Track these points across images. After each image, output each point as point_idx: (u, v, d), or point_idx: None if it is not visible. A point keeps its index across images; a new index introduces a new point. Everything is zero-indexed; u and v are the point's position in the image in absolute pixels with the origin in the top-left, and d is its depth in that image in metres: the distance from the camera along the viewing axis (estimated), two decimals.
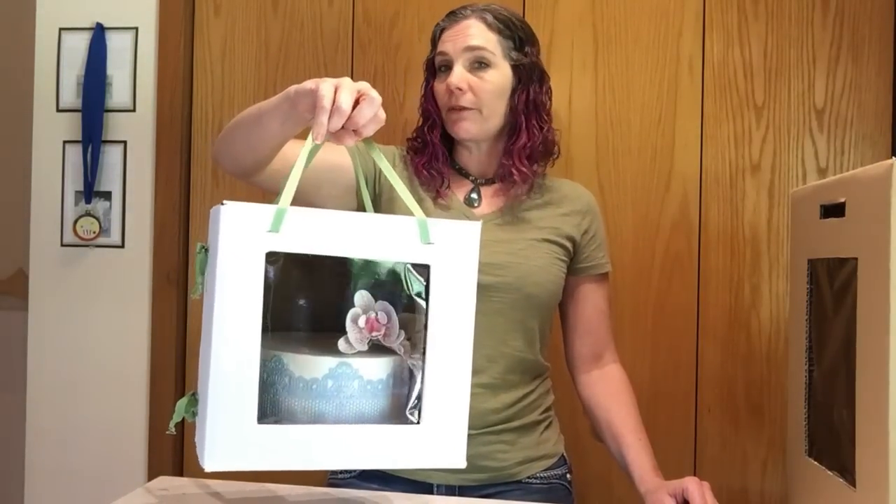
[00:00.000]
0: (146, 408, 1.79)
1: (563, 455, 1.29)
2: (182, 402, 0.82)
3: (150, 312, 1.80)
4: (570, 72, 1.68)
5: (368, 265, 0.81)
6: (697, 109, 1.65)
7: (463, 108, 1.20)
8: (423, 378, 0.79)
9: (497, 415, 1.18)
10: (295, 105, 0.90)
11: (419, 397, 0.80)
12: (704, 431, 1.64)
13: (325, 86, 0.83)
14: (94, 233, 1.80)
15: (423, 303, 0.81)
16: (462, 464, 0.82)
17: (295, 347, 0.81)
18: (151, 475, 1.77)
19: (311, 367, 0.78)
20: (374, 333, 0.80)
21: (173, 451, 1.79)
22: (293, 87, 0.90)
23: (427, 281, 0.80)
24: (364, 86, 0.85)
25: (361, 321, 0.80)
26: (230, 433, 0.73)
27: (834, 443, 0.88)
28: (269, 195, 1.01)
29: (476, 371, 1.18)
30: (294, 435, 0.76)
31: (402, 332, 0.82)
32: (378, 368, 0.80)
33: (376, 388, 0.80)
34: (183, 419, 0.81)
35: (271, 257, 0.77)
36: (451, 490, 1.18)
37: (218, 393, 0.73)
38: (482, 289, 1.18)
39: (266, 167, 1.08)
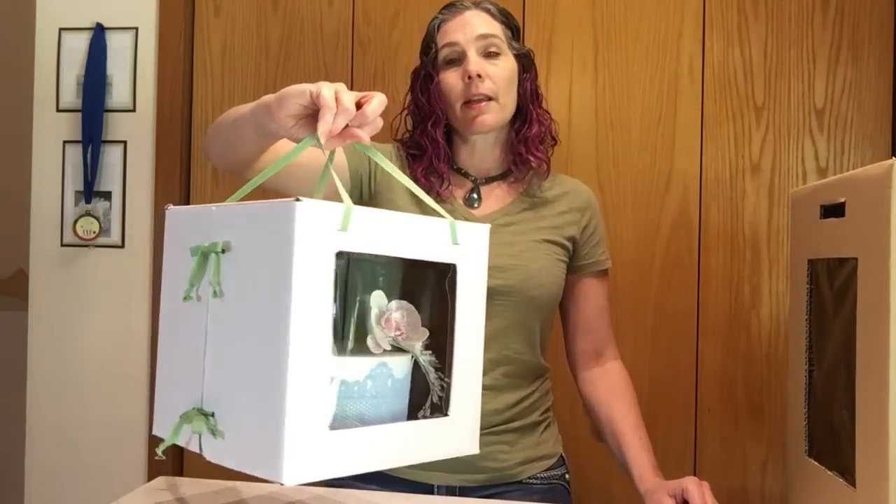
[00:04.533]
0: (146, 408, 1.78)
1: (561, 455, 1.28)
2: (187, 422, 0.77)
3: (150, 312, 1.80)
4: (570, 72, 1.68)
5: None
6: (697, 109, 1.65)
7: (482, 100, 1.18)
8: (450, 372, 0.82)
9: (498, 416, 1.18)
10: (279, 107, 0.84)
11: (446, 391, 0.82)
12: (704, 431, 1.64)
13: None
14: (94, 233, 1.80)
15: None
16: (477, 450, 0.86)
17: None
18: (151, 475, 1.77)
19: (353, 368, 0.77)
20: (395, 332, 0.81)
21: (173, 450, 1.79)
22: (273, 94, 0.86)
23: (453, 280, 0.82)
24: (341, 86, 0.83)
25: (383, 320, 0.80)
26: (306, 442, 0.69)
27: (834, 443, 0.88)
28: (268, 194, 1.00)
29: None
30: (362, 438, 0.75)
31: (423, 331, 0.83)
32: (403, 367, 0.82)
33: (404, 387, 0.81)
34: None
35: None
36: (451, 491, 1.17)
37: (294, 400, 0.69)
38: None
39: (255, 166, 1.05)
